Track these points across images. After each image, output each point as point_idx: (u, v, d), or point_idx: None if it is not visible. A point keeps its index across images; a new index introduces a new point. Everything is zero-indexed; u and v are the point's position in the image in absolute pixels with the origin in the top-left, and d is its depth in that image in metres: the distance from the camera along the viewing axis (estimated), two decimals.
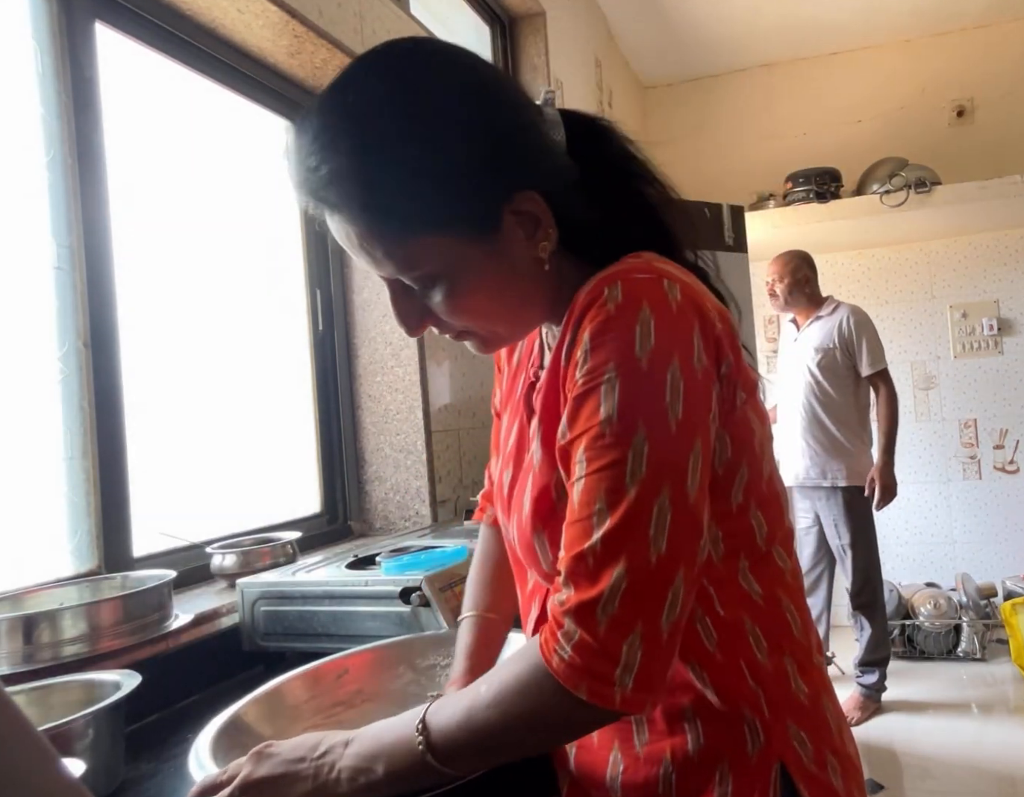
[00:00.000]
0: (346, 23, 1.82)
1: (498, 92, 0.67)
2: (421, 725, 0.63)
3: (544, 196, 0.66)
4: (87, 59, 1.38)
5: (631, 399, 0.59)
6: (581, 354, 0.62)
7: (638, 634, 0.57)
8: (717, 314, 0.65)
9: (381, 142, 0.61)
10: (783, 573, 0.72)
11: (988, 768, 2.71)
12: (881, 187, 3.66)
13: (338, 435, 2.07)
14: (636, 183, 0.74)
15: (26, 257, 1.28)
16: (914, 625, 3.69)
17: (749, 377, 0.69)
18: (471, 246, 0.65)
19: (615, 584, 0.57)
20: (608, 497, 0.58)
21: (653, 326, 0.60)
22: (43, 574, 1.26)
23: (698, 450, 0.60)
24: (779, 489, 0.73)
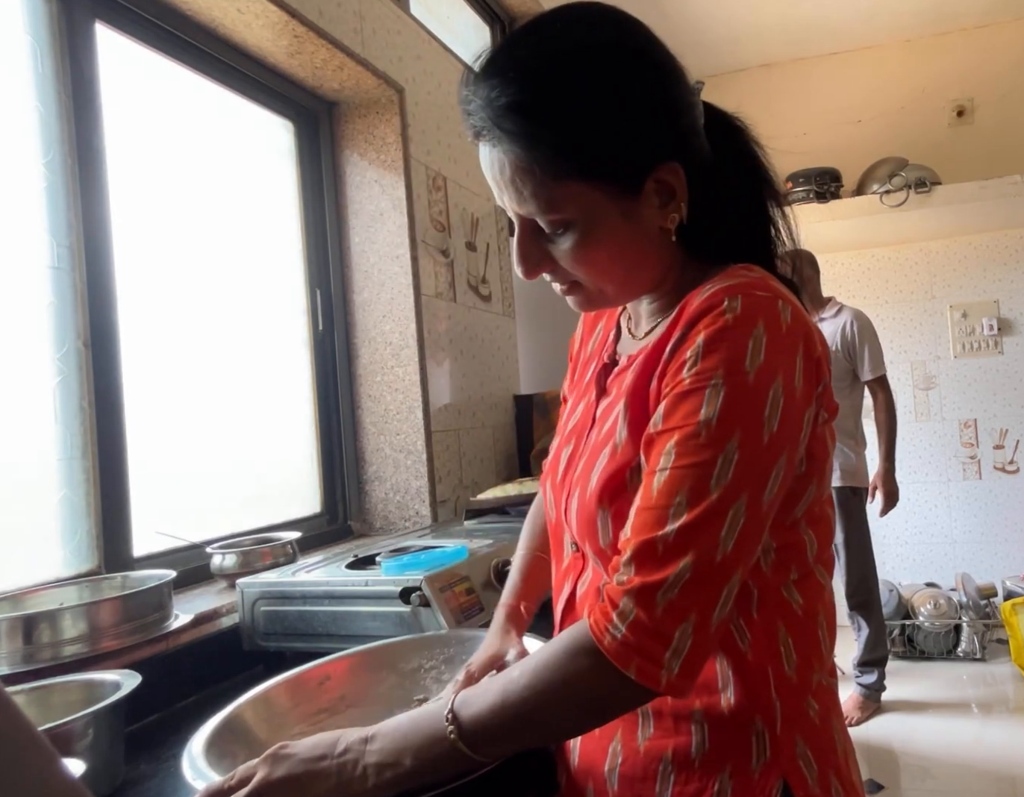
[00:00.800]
0: (346, 23, 1.82)
1: (673, 70, 0.71)
2: (451, 714, 0.64)
3: (686, 172, 0.70)
4: (87, 59, 1.39)
5: (733, 407, 0.62)
6: (691, 354, 0.64)
7: (691, 622, 0.60)
8: (818, 337, 0.69)
9: (565, 86, 0.66)
10: (823, 590, 0.74)
11: (988, 768, 2.70)
12: (881, 187, 3.66)
13: (338, 435, 2.07)
14: (760, 186, 0.77)
15: (26, 257, 1.28)
16: (914, 625, 3.69)
17: (833, 400, 0.72)
18: (612, 202, 0.69)
19: (680, 573, 0.60)
20: (691, 494, 0.61)
21: (765, 343, 0.63)
22: (43, 574, 1.26)
23: (782, 465, 0.63)
24: (830, 512, 0.75)
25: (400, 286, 2.05)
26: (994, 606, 3.77)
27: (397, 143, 2.04)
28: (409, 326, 2.04)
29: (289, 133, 2.01)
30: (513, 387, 2.62)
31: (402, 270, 2.04)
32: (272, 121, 1.95)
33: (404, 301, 2.04)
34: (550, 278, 0.75)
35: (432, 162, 2.19)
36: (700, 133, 0.73)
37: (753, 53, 4.20)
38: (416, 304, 2.04)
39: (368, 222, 2.07)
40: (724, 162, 0.75)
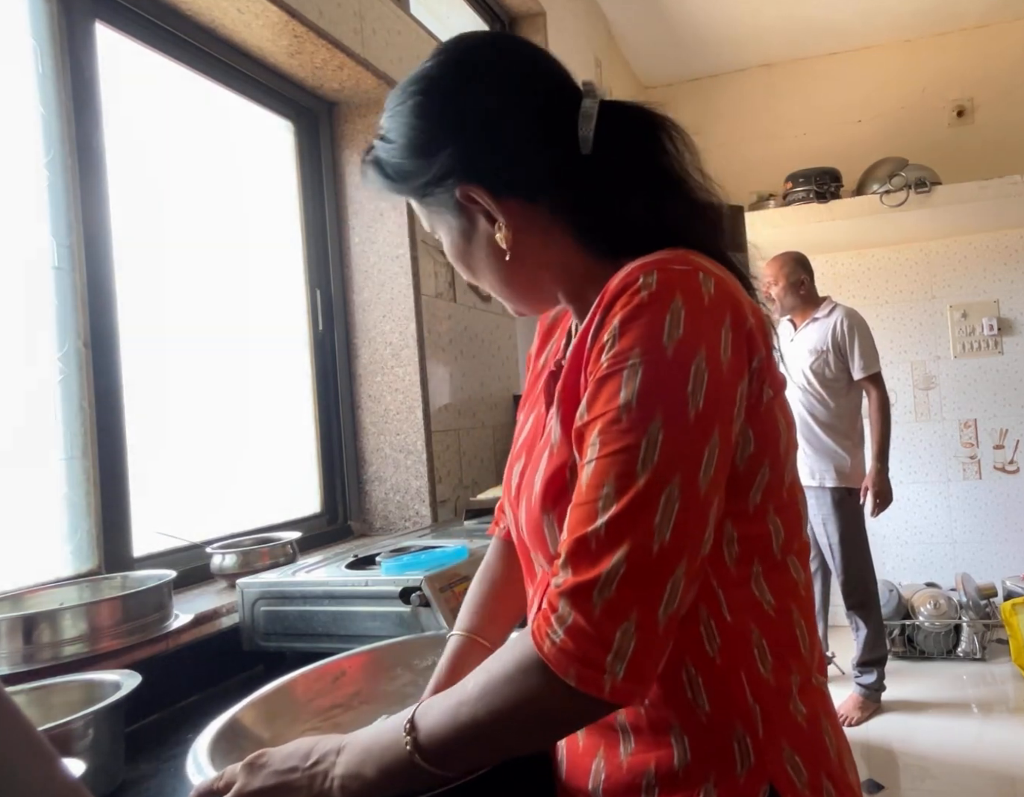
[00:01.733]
0: (346, 23, 1.82)
1: (494, 86, 0.73)
2: (409, 725, 0.62)
3: (497, 192, 0.72)
4: (87, 59, 1.39)
5: (652, 386, 0.59)
6: (608, 337, 0.62)
7: (633, 622, 0.56)
8: (751, 309, 0.65)
9: (388, 118, 0.77)
10: (797, 585, 0.70)
11: (988, 768, 2.70)
12: (881, 187, 3.66)
13: (338, 435, 2.07)
14: (663, 172, 0.73)
15: (26, 257, 1.28)
16: (914, 625, 3.69)
17: (778, 375, 0.68)
18: (451, 216, 0.75)
19: (614, 568, 0.56)
20: (617, 482, 0.58)
21: (684, 316, 0.60)
22: (43, 574, 1.26)
23: (715, 443, 0.60)
24: (799, 498, 0.72)
25: (400, 286, 2.05)
26: (994, 606, 3.77)
27: None
28: (409, 326, 2.04)
29: (289, 133, 2.01)
30: (513, 387, 2.62)
31: (402, 270, 2.04)
32: (272, 121, 1.95)
33: (404, 301, 2.05)
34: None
35: None
36: (553, 142, 0.72)
37: (753, 53, 4.20)
38: (416, 304, 2.04)
39: (368, 222, 2.07)
40: (617, 155, 0.72)
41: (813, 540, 3.27)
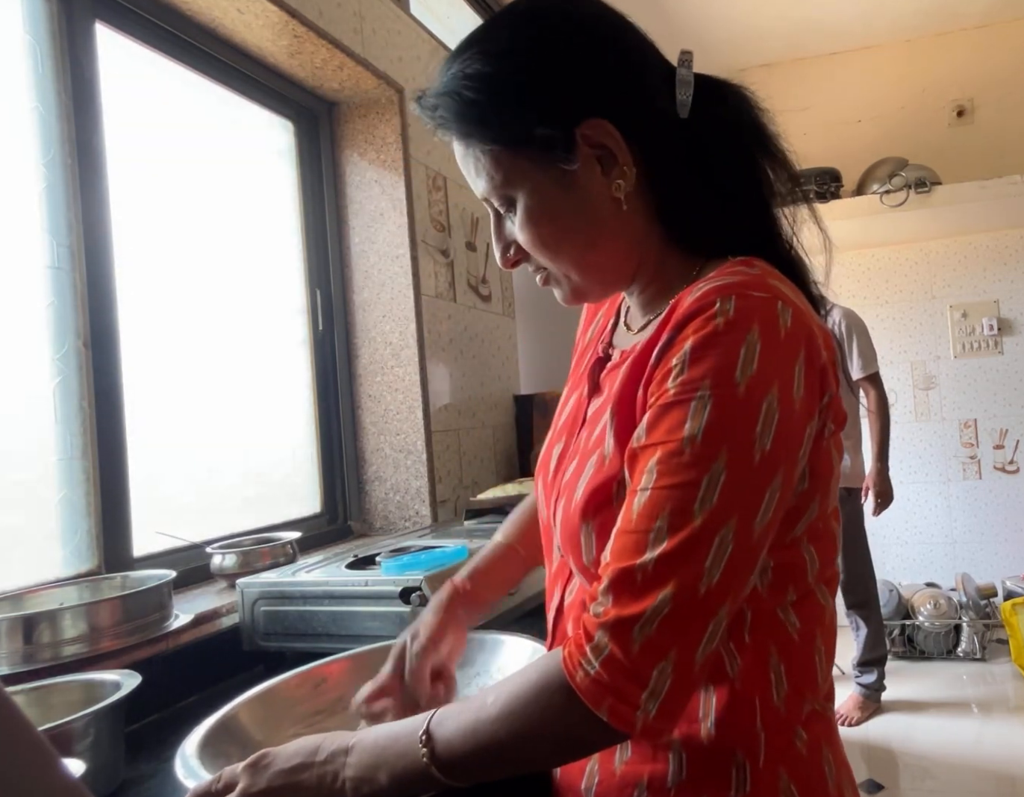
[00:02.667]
0: (346, 23, 1.82)
1: (604, 30, 0.69)
2: (425, 736, 0.61)
3: (627, 133, 0.66)
4: (87, 59, 1.38)
5: (721, 423, 0.57)
6: (678, 361, 0.59)
7: (671, 661, 0.55)
8: (824, 342, 0.63)
9: (478, 62, 0.67)
10: (824, 612, 0.69)
11: (988, 768, 2.70)
12: (881, 187, 3.66)
13: (338, 435, 2.07)
14: (752, 155, 0.70)
15: (26, 257, 1.28)
16: (914, 625, 3.69)
17: (841, 411, 0.66)
18: (546, 171, 0.67)
19: (658, 606, 0.55)
20: (672, 518, 0.56)
21: (759, 351, 0.57)
22: (43, 574, 1.26)
23: (777, 485, 0.58)
24: (835, 528, 0.70)
25: (400, 286, 2.05)
26: (994, 606, 3.77)
27: (397, 143, 2.04)
28: (409, 326, 2.04)
29: (289, 133, 2.01)
30: (513, 387, 2.62)
31: (402, 270, 2.04)
32: (272, 121, 1.95)
33: (404, 301, 2.04)
34: (530, 269, 0.74)
35: (432, 162, 2.19)
36: (651, 91, 0.68)
37: (753, 53, 4.20)
38: (416, 304, 2.04)
39: (368, 222, 2.07)
40: (704, 131, 0.68)
41: None
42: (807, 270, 0.72)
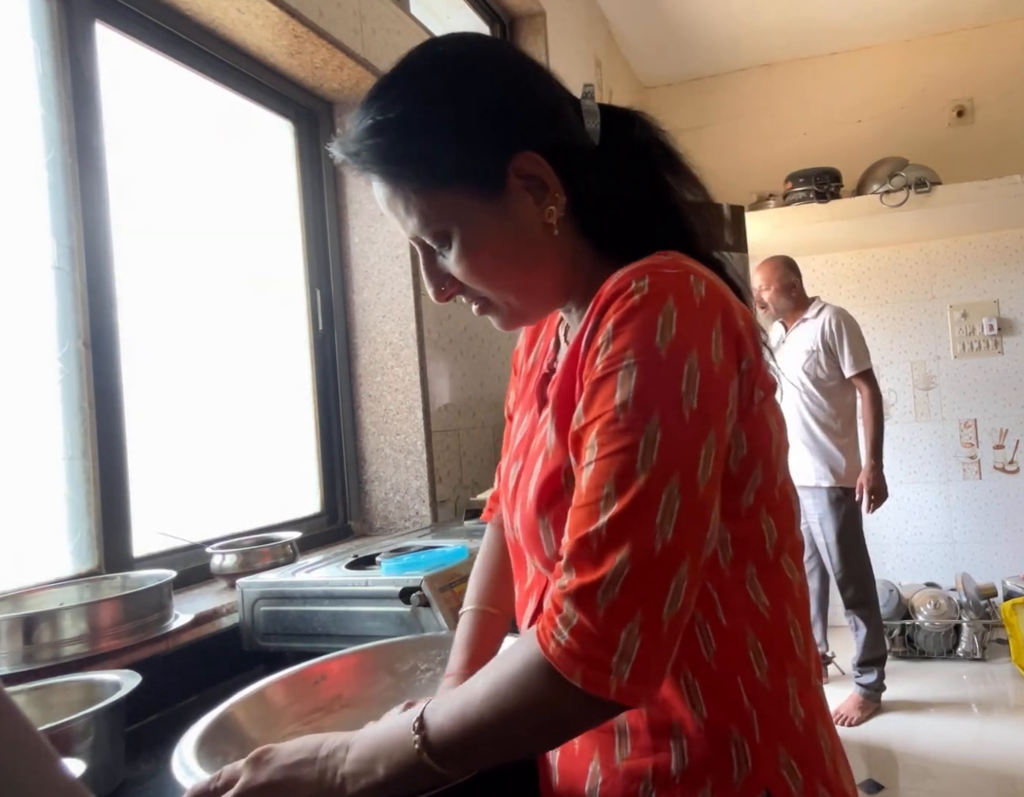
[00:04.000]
0: (346, 23, 1.82)
1: (522, 68, 0.73)
2: (418, 723, 0.62)
3: (552, 163, 0.70)
4: (87, 59, 1.39)
5: (647, 386, 0.60)
6: (603, 341, 0.62)
7: (637, 622, 0.56)
8: (740, 312, 0.66)
9: (401, 105, 0.69)
10: (791, 585, 0.70)
11: (988, 768, 2.71)
12: (881, 187, 3.66)
13: (338, 435, 2.07)
14: (660, 172, 0.75)
15: (26, 257, 1.28)
16: (914, 625, 3.69)
17: (768, 377, 0.69)
18: (480, 204, 0.70)
19: (618, 569, 0.56)
20: (617, 482, 0.58)
21: (676, 318, 0.61)
22: (43, 574, 1.26)
23: (711, 441, 0.60)
24: (791, 497, 0.72)
25: (400, 286, 2.05)
26: (994, 606, 3.77)
27: None
28: (409, 326, 2.04)
29: (289, 133, 2.01)
30: None
31: (402, 270, 2.04)
32: (272, 121, 1.95)
33: (404, 301, 2.04)
34: (464, 299, 0.77)
35: None
36: (567, 123, 0.72)
37: (753, 53, 4.20)
38: (416, 304, 2.04)
39: (368, 222, 2.07)
40: (615, 153, 0.74)
41: (809, 540, 3.27)
42: (725, 263, 0.77)
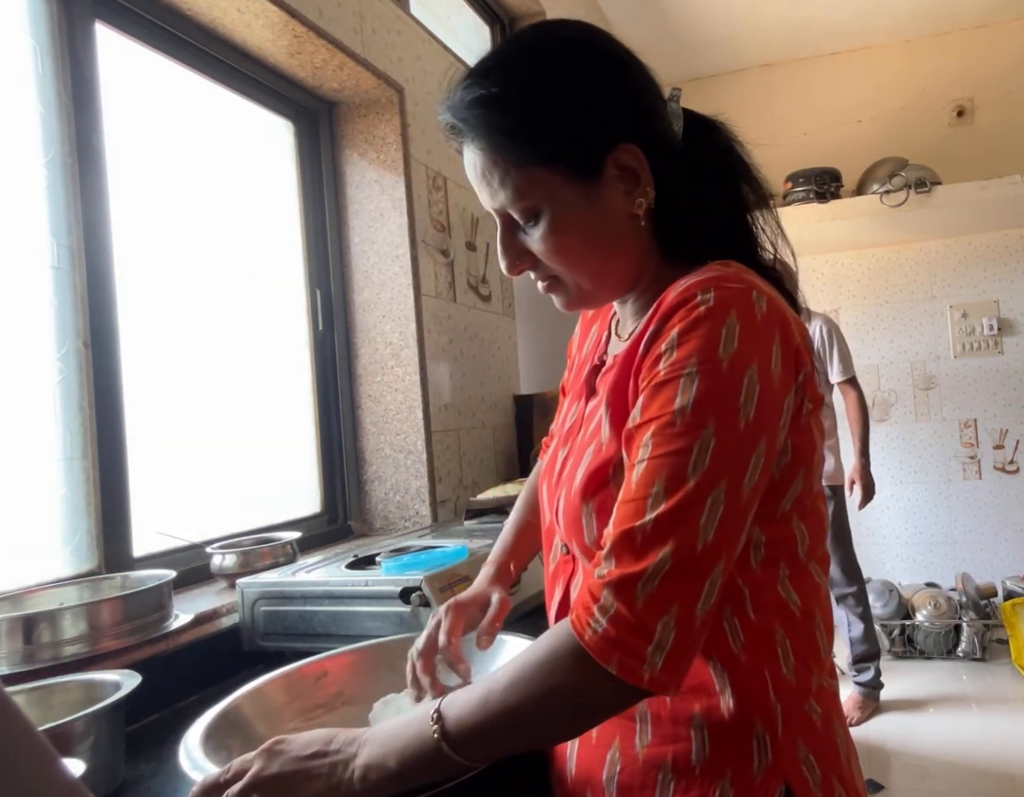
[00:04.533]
0: (346, 23, 1.82)
1: (629, 62, 0.75)
2: (436, 714, 0.63)
3: (646, 157, 0.72)
4: (87, 59, 1.39)
5: (707, 394, 0.62)
6: (666, 347, 0.65)
7: (673, 615, 0.58)
8: (797, 327, 0.69)
9: (521, 76, 0.71)
10: (819, 589, 0.73)
11: (988, 768, 2.71)
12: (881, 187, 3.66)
13: (338, 435, 2.07)
14: (738, 180, 0.78)
15: (26, 257, 1.28)
16: (914, 625, 3.69)
17: (817, 391, 0.71)
18: (575, 187, 0.71)
19: (659, 564, 0.59)
20: (667, 482, 0.61)
21: (738, 332, 0.63)
22: (43, 574, 1.26)
23: (761, 451, 0.63)
24: (822, 509, 0.74)
25: (400, 286, 2.05)
26: (994, 606, 3.77)
27: (397, 143, 2.04)
28: (409, 326, 2.04)
29: (289, 133, 2.01)
30: (513, 387, 2.62)
31: (402, 270, 2.04)
32: (272, 121, 1.95)
33: (404, 301, 2.05)
34: (533, 275, 0.78)
35: (432, 162, 2.19)
36: (664, 122, 0.75)
37: (753, 53, 4.20)
38: (416, 304, 2.04)
39: (368, 222, 2.07)
40: (699, 158, 0.76)
41: None
42: (787, 276, 0.78)
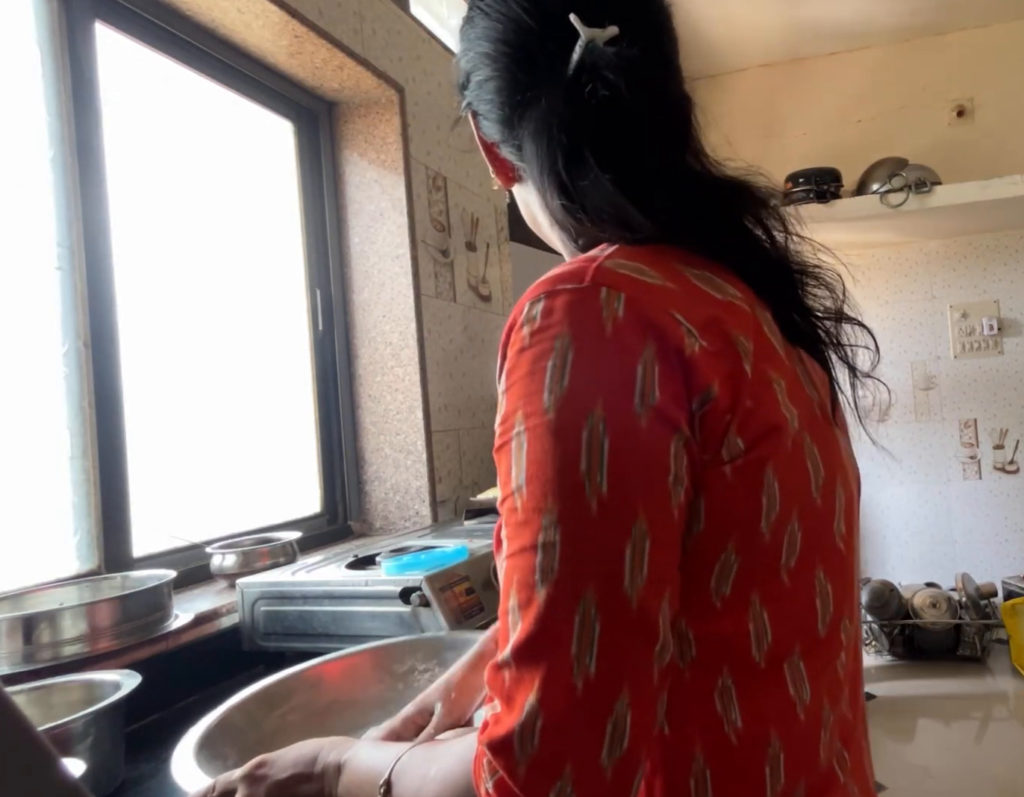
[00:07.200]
0: (346, 23, 1.82)
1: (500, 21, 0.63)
2: (384, 787, 0.57)
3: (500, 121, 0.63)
4: (87, 59, 1.38)
5: (538, 466, 0.46)
6: (500, 392, 0.50)
7: (568, 780, 0.43)
8: (705, 327, 0.49)
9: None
10: (790, 706, 0.51)
11: (988, 768, 2.70)
12: (881, 187, 3.66)
13: (338, 435, 2.07)
14: (654, 128, 0.58)
15: (26, 257, 1.28)
16: (914, 625, 3.69)
17: (768, 419, 0.50)
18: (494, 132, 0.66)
19: (529, 717, 0.43)
20: (520, 593, 0.46)
21: (571, 361, 0.46)
22: (43, 574, 1.26)
23: (641, 533, 0.45)
24: (817, 580, 0.52)
25: (400, 286, 2.05)
26: (994, 606, 3.77)
27: (397, 143, 2.04)
28: (409, 326, 2.04)
29: (289, 133, 2.01)
30: None
31: (402, 270, 2.04)
32: (272, 121, 1.95)
33: (404, 301, 2.04)
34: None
35: (432, 162, 2.19)
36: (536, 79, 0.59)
37: (753, 53, 4.20)
38: (416, 304, 2.04)
39: (368, 222, 2.07)
40: (616, 108, 0.56)
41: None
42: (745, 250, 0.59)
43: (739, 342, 0.50)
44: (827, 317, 0.62)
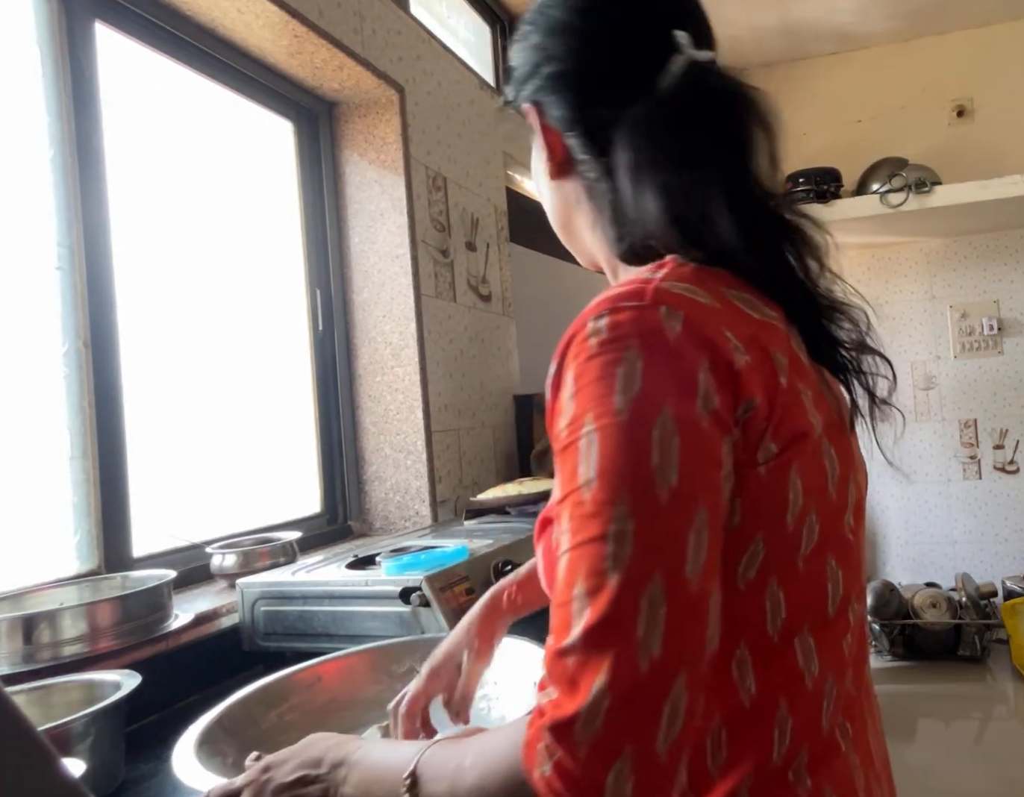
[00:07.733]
0: (346, 23, 1.82)
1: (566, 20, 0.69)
2: (410, 780, 0.57)
3: (560, 115, 0.68)
4: (87, 59, 1.38)
5: (609, 461, 0.49)
6: (565, 398, 0.53)
7: (627, 760, 0.45)
8: (749, 344, 0.54)
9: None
10: (798, 678, 0.57)
11: (988, 768, 2.70)
12: (881, 187, 3.66)
13: (338, 435, 2.07)
14: (714, 135, 0.62)
15: (26, 257, 1.28)
16: (914, 625, 3.69)
17: (797, 426, 0.55)
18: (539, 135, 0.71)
19: (596, 698, 0.46)
20: (587, 582, 0.48)
21: (640, 368, 0.50)
22: (43, 574, 1.26)
23: (702, 522, 0.49)
24: (828, 566, 0.58)
25: (400, 286, 2.05)
26: (994, 606, 3.77)
27: (397, 143, 2.04)
28: (409, 326, 2.04)
29: (289, 133, 2.01)
30: (513, 387, 2.62)
31: (402, 270, 2.04)
32: (272, 121, 1.95)
33: (404, 301, 2.04)
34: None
35: (432, 162, 2.19)
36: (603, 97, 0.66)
37: (753, 53, 4.20)
38: (416, 304, 2.04)
39: (368, 222, 2.07)
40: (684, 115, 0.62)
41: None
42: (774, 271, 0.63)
43: (776, 357, 0.56)
44: (851, 348, 0.66)
